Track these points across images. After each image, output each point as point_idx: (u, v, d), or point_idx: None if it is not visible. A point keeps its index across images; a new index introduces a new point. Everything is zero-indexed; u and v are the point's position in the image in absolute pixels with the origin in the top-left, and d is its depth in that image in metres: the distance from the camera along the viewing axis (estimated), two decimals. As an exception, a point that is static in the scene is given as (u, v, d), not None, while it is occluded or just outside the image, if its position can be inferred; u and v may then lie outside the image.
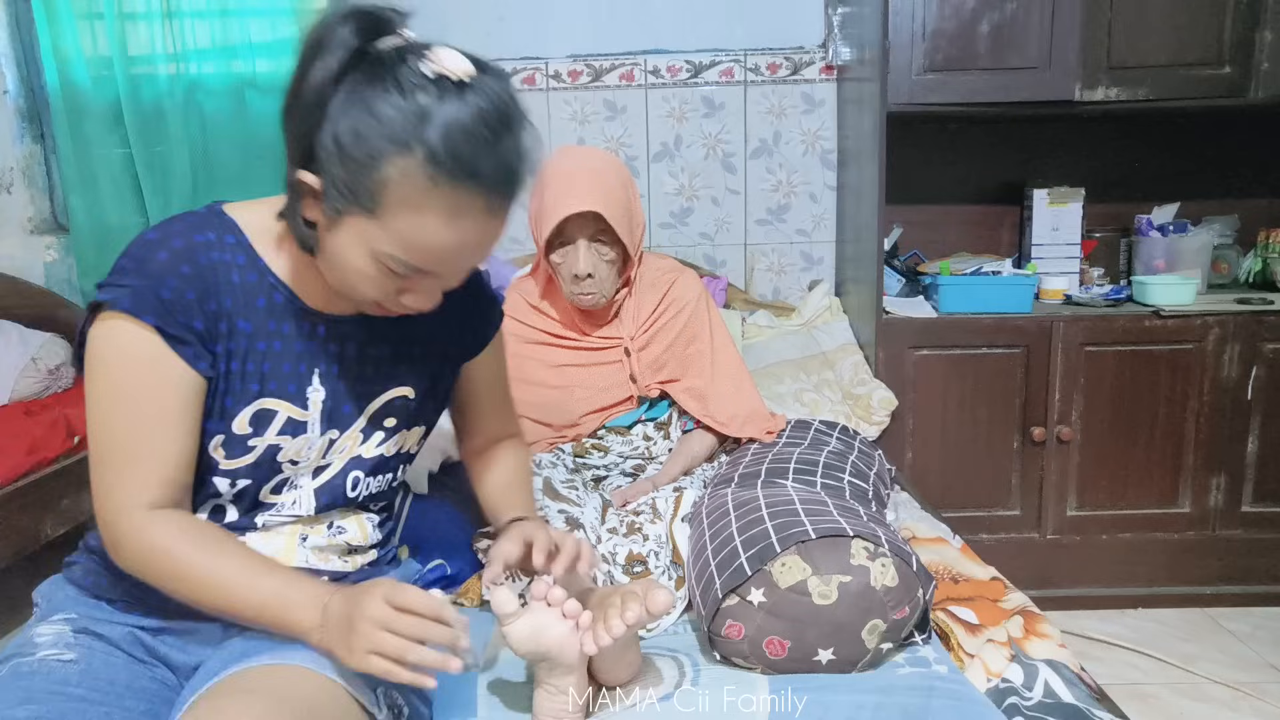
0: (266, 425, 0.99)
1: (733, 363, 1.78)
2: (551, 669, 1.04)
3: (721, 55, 2.66)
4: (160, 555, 0.91)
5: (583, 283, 1.63)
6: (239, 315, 0.96)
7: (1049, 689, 1.14)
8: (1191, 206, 2.60)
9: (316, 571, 1.05)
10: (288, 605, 0.90)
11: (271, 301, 0.98)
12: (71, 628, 0.97)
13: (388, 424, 1.08)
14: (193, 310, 0.92)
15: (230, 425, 0.97)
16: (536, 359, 1.75)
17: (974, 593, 1.38)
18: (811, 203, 2.73)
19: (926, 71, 2.21)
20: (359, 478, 1.07)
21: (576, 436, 1.74)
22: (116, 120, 2.57)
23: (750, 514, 1.28)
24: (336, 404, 1.03)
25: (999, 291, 2.31)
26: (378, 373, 1.06)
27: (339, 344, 1.02)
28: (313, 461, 1.03)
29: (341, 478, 1.06)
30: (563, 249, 1.63)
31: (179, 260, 0.91)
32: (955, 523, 1.77)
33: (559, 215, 1.57)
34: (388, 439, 1.08)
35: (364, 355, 1.04)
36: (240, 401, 0.97)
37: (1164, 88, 2.22)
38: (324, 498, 1.05)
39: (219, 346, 0.95)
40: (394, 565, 1.21)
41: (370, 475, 1.08)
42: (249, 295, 0.97)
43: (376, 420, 1.07)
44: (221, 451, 0.97)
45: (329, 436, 1.03)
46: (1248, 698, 1.92)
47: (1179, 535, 2.33)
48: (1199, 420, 2.28)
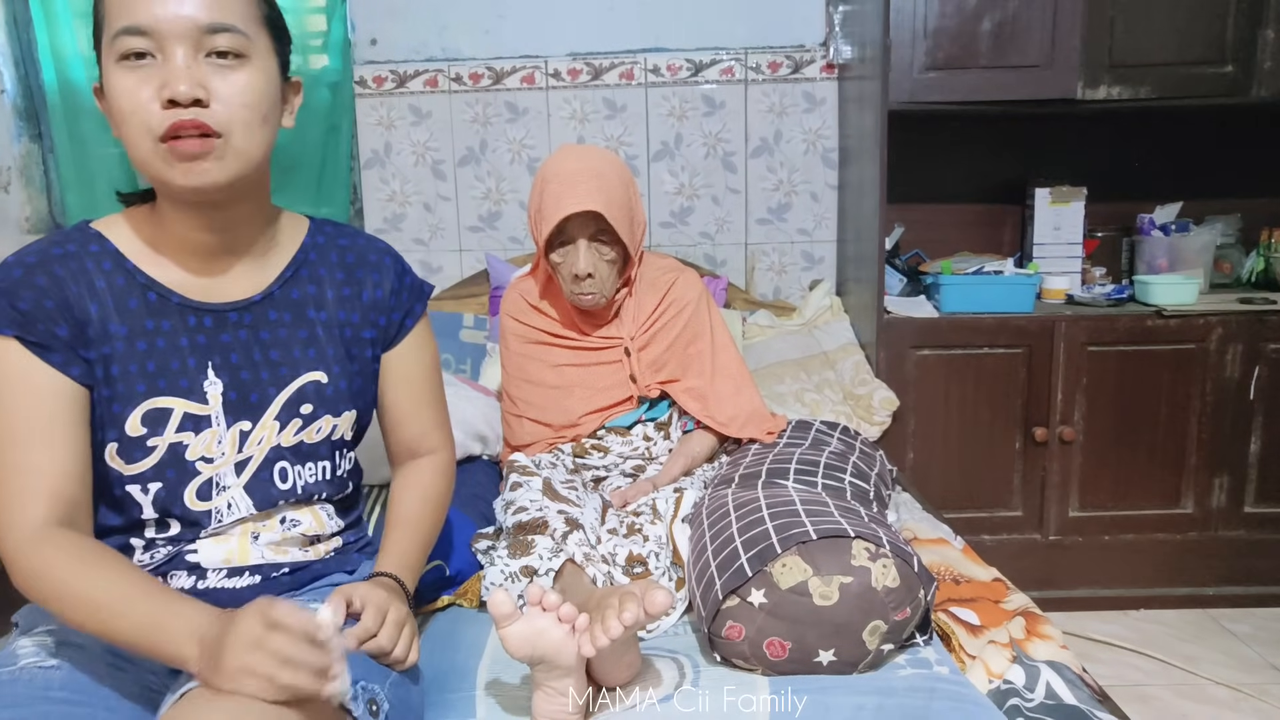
0: (163, 424, 0.98)
1: (733, 363, 1.78)
2: (549, 671, 1.04)
3: (722, 54, 2.65)
4: (42, 578, 0.88)
5: (583, 282, 1.62)
6: (109, 319, 0.96)
7: (1051, 690, 1.13)
8: (1194, 206, 2.59)
9: (275, 565, 1.05)
10: (164, 634, 0.85)
11: (145, 301, 0.98)
12: (53, 639, 0.97)
13: (304, 410, 1.05)
14: (54, 318, 0.93)
15: (123, 429, 0.96)
16: (537, 359, 1.75)
17: (975, 594, 1.37)
18: (812, 202, 2.72)
19: (928, 70, 2.21)
20: (286, 468, 1.05)
21: (576, 437, 1.73)
22: (114, 119, 2.57)
23: (751, 514, 1.28)
24: (242, 395, 1.02)
25: (1001, 291, 2.30)
26: (284, 358, 1.05)
27: (231, 334, 1.02)
28: (229, 457, 1.01)
29: (267, 470, 1.04)
30: (563, 249, 1.62)
31: (33, 273, 0.93)
32: (957, 523, 1.76)
33: (559, 215, 1.57)
34: (306, 425, 1.06)
35: (261, 342, 1.04)
36: (128, 404, 0.96)
37: (1166, 86, 2.21)
38: (257, 494, 1.03)
39: (91, 353, 0.95)
40: (368, 554, 1.19)
41: (299, 464, 1.06)
42: (119, 298, 0.97)
43: (291, 407, 1.05)
44: (120, 460, 0.97)
45: (239, 428, 1.02)
46: (1250, 699, 1.92)
47: (1181, 536, 2.32)
48: (1201, 420, 2.28)
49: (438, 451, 1.22)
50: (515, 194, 2.73)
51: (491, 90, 2.66)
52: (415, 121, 2.69)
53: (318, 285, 1.09)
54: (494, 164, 2.72)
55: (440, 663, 1.23)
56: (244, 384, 1.02)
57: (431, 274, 2.76)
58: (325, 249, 1.11)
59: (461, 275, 2.76)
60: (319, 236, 1.12)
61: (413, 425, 1.19)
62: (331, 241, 1.12)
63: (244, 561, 1.03)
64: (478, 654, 1.25)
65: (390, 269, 1.14)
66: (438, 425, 1.23)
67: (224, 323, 1.02)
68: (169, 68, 0.90)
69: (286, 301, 1.06)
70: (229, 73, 0.93)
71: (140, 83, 0.90)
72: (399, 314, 1.15)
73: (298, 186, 2.64)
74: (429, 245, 2.75)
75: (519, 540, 1.35)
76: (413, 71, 2.64)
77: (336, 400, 1.08)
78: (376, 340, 1.14)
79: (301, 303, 1.07)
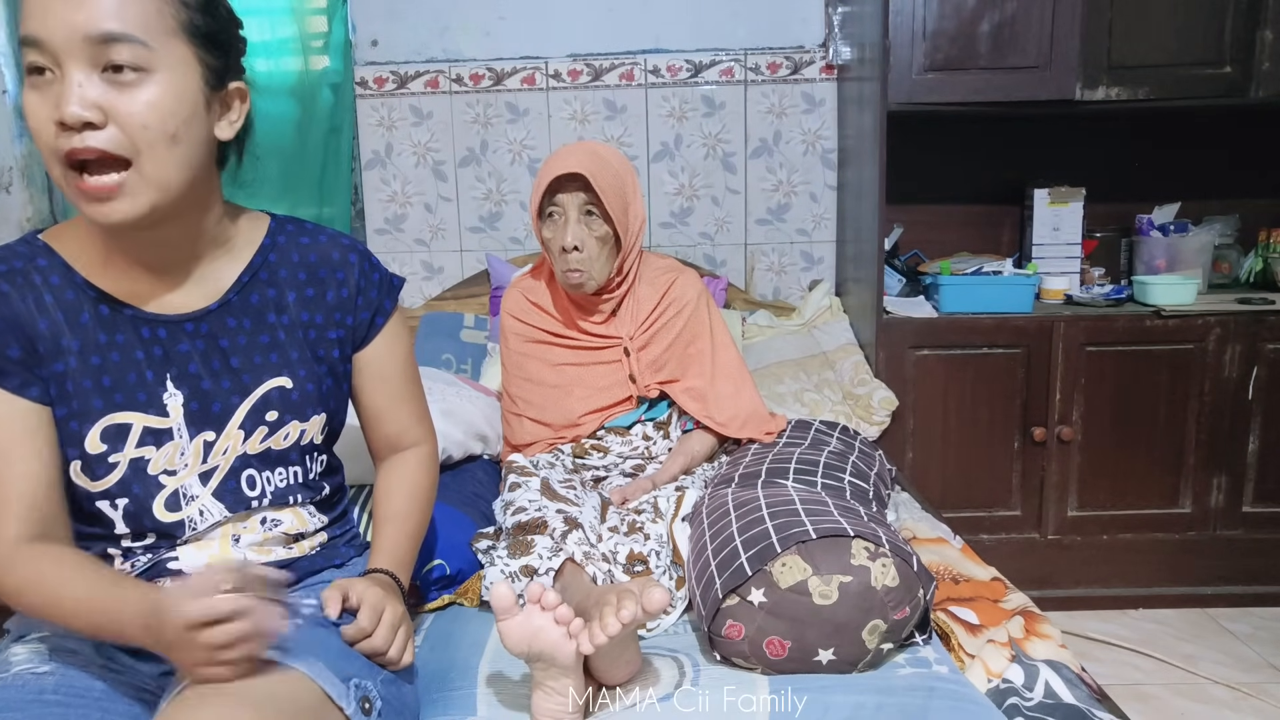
0: (123, 440, 0.96)
1: (733, 363, 1.78)
2: (547, 670, 1.04)
3: (722, 54, 2.66)
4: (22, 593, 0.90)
5: (569, 256, 1.62)
6: (61, 335, 0.94)
7: (1049, 689, 1.13)
8: (1192, 206, 2.60)
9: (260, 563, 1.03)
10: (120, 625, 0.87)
11: (97, 314, 0.95)
12: (47, 646, 0.97)
13: (269, 418, 1.03)
14: (6, 340, 0.91)
15: (83, 447, 0.94)
16: (536, 357, 1.75)
17: (974, 593, 1.37)
18: (812, 202, 2.73)
19: (927, 71, 2.21)
20: (254, 475, 1.03)
21: (576, 437, 1.73)
22: (116, 120, 2.57)
23: (751, 514, 1.28)
24: (204, 405, 0.99)
25: (999, 291, 2.31)
26: (245, 365, 1.02)
27: (189, 343, 0.99)
28: (193, 468, 0.99)
29: (234, 479, 1.02)
30: (553, 222, 1.64)
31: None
32: (956, 523, 1.77)
33: (547, 177, 1.60)
34: (273, 432, 1.03)
35: (221, 351, 1.01)
36: (85, 421, 0.94)
37: (1165, 87, 2.22)
38: (227, 500, 1.02)
39: (44, 370, 0.93)
40: (355, 546, 1.18)
41: (268, 470, 1.04)
42: (70, 313, 0.95)
43: (256, 415, 1.02)
44: (85, 477, 0.95)
45: (203, 439, 1.00)
46: (1248, 698, 1.92)
47: (1180, 535, 2.33)
48: (1200, 420, 2.28)
49: (420, 444, 1.21)
50: (516, 194, 2.74)
51: (492, 91, 2.67)
52: (416, 122, 2.69)
53: (278, 288, 1.05)
54: (495, 164, 2.72)
55: (441, 660, 1.23)
56: (205, 394, 0.99)
57: (432, 274, 2.77)
58: (286, 249, 1.07)
59: (462, 275, 2.76)
60: (279, 236, 1.07)
61: (392, 422, 1.18)
62: (293, 241, 1.08)
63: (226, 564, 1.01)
64: (479, 652, 1.25)
65: (355, 266, 1.10)
66: (418, 419, 1.20)
67: (180, 333, 0.99)
68: (61, 85, 0.84)
69: (245, 307, 1.03)
70: (129, 90, 0.85)
71: (40, 101, 0.85)
72: (367, 313, 1.11)
73: (299, 187, 2.64)
74: (430, 246, 2.76)
75: (518, 540, 1.36)
76: (413, 72, 2.65)
77: (303, 405, 1.05)
78: (345, 340, 1.10)
79: (261, 307, 1.04)
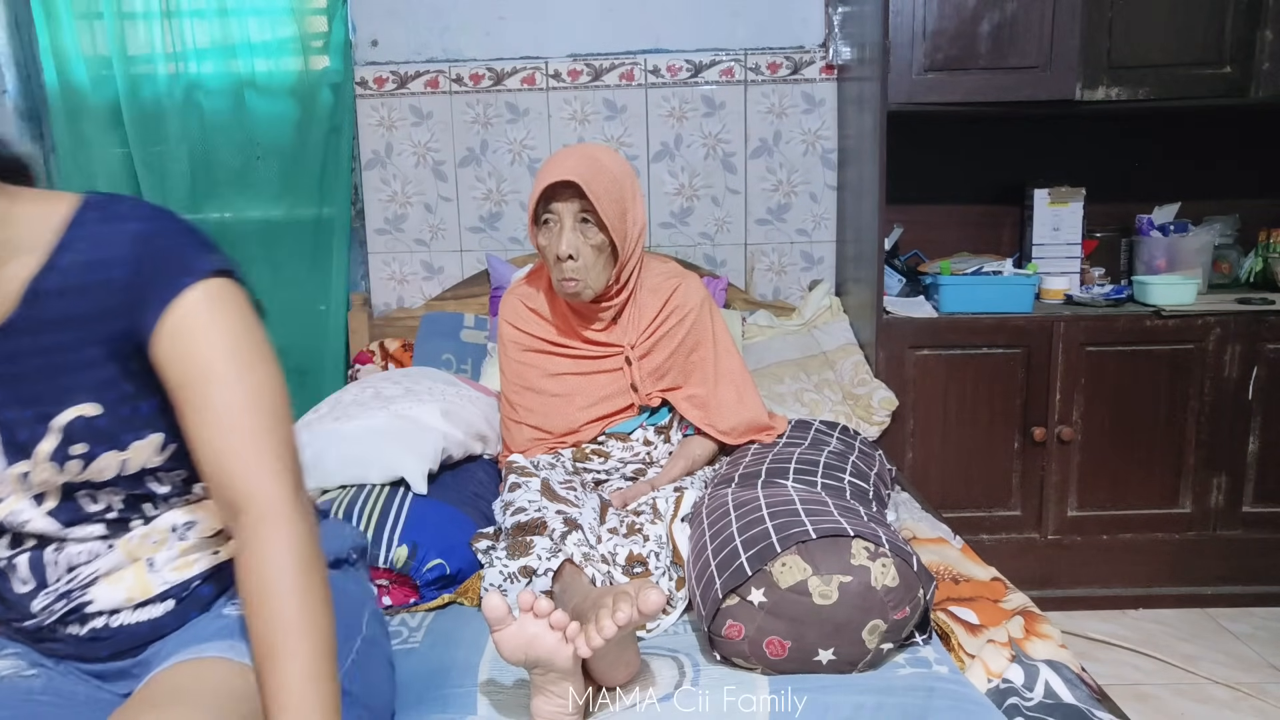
0: None
1: (735, 369, 1.76)
2: (546, 674, 1.04)
3: (722, 54, 2.66)
4: None
5: (565, 265, 1.58)
6: None
7: (1050, 689, 1.13)
8: (1192, 206, 2.60)
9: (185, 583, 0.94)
10: None
11: None
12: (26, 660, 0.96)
13: (75, 451, 0.85)
14: None
15: None
16: (535, 366, 1.72)
17: (974, 593, 1.37)
18: (812, 202, 2.73)
19: (927, 71, 2.21)
20: (95, 494, 0.90)
21: (577, 443, 1.72)
22: (115, 120, 2.57)
23: (750, 514, 1.28)
24: (9, 435, 0.85)
25: (999, 291, 2.31)
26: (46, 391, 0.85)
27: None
28: (18, 496, 0.88)
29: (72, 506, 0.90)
30: (548, 230, 1.61)
31: None
32: (956, 523, 1.77)
33: (542, 185, 1.57)
34: (87, 465, 0.86)
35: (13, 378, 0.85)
36: None
37: (1165, 87, 2.22)
38: (64, 515, 0.90)
39: None
40: None
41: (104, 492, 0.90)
42: None
43: (62, 449, 0.86)
44: None
45: (18, 470, 0.86)
46: (1248, 698, 1.92)
47: (1180, 535, 2.33)
48: (1200, 420, 2.28)
49: (267, 516, 0.82)
50: (516, 195, 2.74)
51: (492, 91, 2.67)
52: (416, 122, 2.69)
53: (78, 294, 0.84)
54: (495, 164, 2.72)
55: (441, 659, 1.23)
56: (9, 424, 0.85)
57: (432, 274, 2.76)
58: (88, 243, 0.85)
59: (462, 276, 2.76)
60: (82, 228, 0.85)
61: (213, 464, 0.84)
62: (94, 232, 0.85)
63: (148, 594, 0.92)
64: (479, 651, 1.25)
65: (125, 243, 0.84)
66: (261, 466, 0.83)
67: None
68: None
69: (37, 324, 0.84)
70: None
71: None
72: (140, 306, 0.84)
73: (299, 187, 2.64)
74: (430, 246, 2.76)
75: (518, 541, 1.35)
76: (413, 72, 2.65)
77: (116, 432, 0.87)
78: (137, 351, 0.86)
79: (58, 321, 0.84)
